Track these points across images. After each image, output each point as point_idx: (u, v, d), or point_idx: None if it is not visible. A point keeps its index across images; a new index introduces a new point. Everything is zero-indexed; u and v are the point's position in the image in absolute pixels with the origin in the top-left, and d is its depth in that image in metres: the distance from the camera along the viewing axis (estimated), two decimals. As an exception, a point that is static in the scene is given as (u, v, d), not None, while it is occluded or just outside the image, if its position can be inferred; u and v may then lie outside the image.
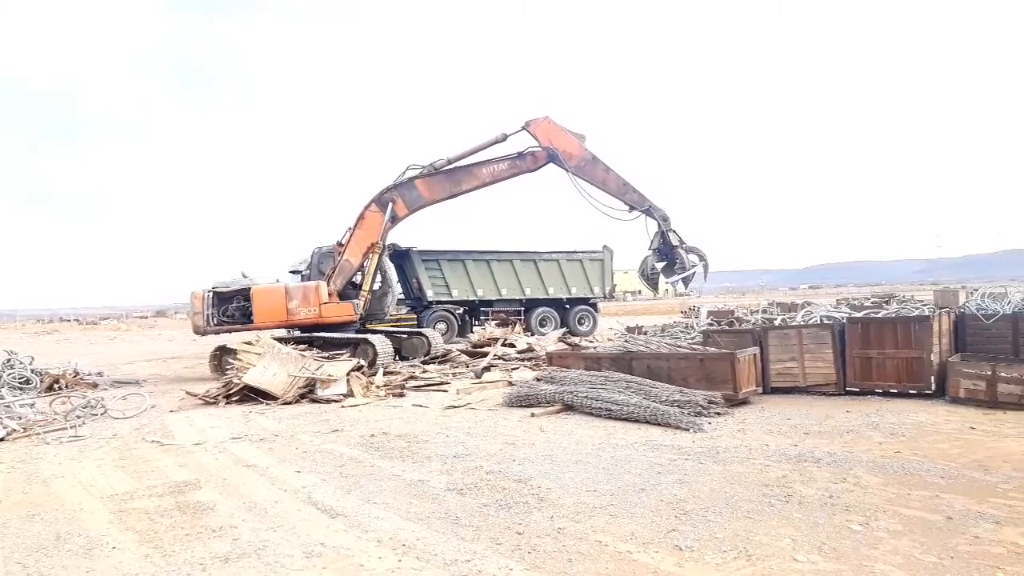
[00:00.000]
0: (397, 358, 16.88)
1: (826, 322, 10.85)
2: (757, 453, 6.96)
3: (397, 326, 21.66)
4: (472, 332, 23.18)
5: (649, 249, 18.32)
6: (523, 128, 18.15)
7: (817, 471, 6.22)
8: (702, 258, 17.77)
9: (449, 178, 18.18)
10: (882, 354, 9.91)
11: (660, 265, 17.79)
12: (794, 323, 11.47)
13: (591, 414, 9.25)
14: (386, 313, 19.56)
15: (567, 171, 17.83)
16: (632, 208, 18.07)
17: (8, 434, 9.29)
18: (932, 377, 9.54)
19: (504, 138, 18.13)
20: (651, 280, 18.43)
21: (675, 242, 17.83)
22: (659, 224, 17.78)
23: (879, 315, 11.09)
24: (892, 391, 9.83)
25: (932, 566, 4.10)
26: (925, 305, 12.63)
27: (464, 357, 17.08)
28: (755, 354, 10.33)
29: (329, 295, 17.07)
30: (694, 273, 17.81)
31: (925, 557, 4.23)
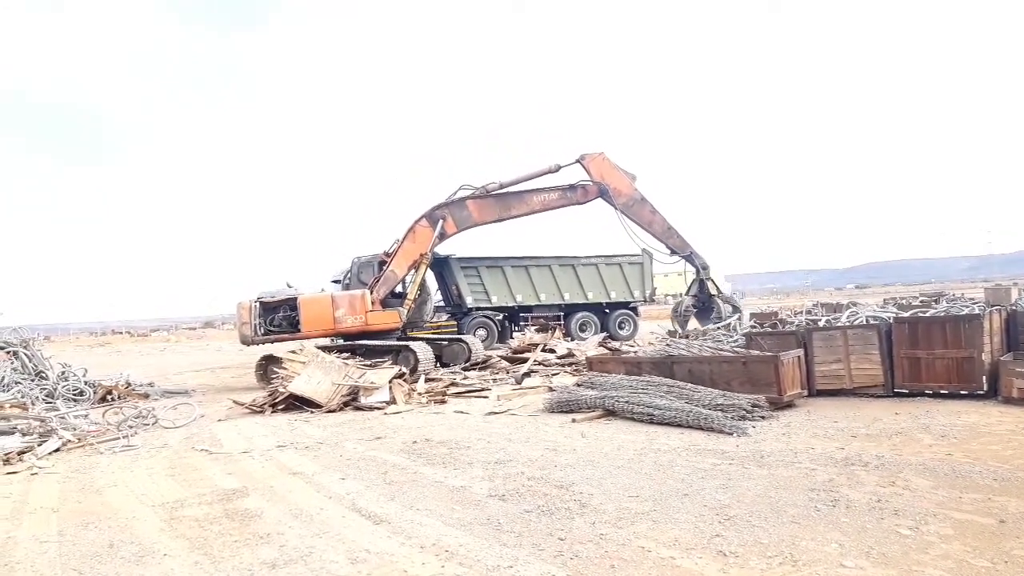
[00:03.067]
0: (438, 365, 16.98)
1: (872, 322, 10.64)
2: (803, 457, 6.86)
3: (437, 333, 21.79)
4: (512, 338, 23.17)
5: (686, 294, 19.66)
6: (577, 161, 18.96)
7: (865, 475, 6.10)
8: (737, 309, 18.61)
9: (500, 202, 18.75)
10: (931, 354, 9.67)
11: (694, 311, 18.73)
12: (839, 324, 11.27)
13: (632, 419, 9.20)
14: (425, 321, 19.88)
15: (615, 208, 18.89)
16: (673, 252, 19.39)
17: (63, 444, 9.57)
18: (984, 377, 9.29)
19: (557, 169, 18.88)
20: (682, 319, 19.32)
21: (712, 291, 19.14)
22: (698, 271, 18.96)
23: (927, 314, 10.84)
24: (942, 392, 9.59)
25: (984, 571, 4.00)
26: (976, 303, 12.31)
27: (504, 363, 17.10)
28: (799, 356, 10.17)
29: (372, 303, 17.32)
30: (729, 323, 18.67)
31: (977, 562, 4.12)
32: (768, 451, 7.18)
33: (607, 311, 25.66)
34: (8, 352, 14.90)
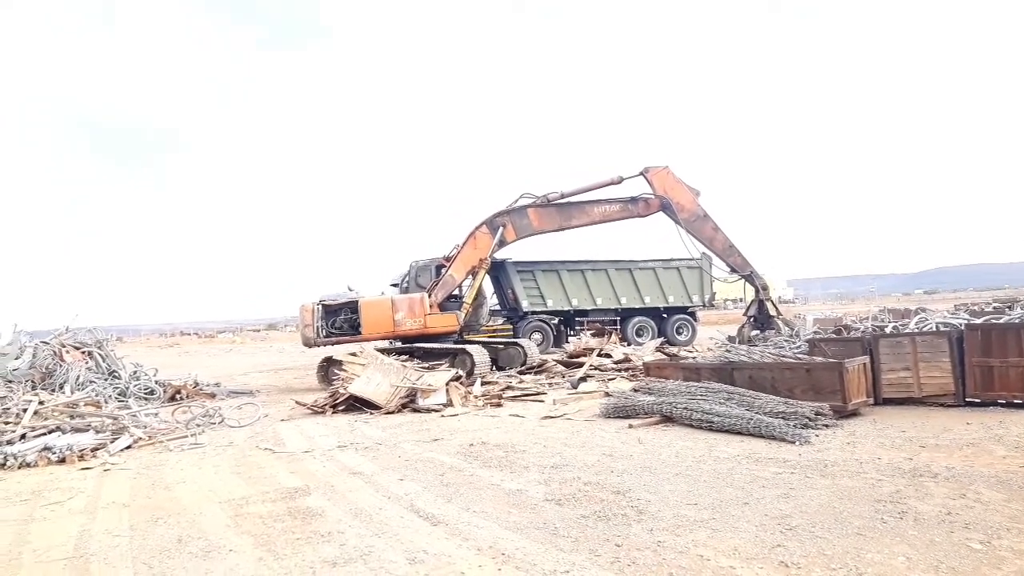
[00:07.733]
0: (494, 368, 17.06)
1: (942, 329, 10.29)
2: (868, 467, 6.67)
3: (493, 336, 21.90)
4: (567, 342, 23.10)
5: (744, 315, 19.27)
6: (640, 174, 18.87)
7: (934, 486, 5.91)
8: (794, 330, 18.28)
9: (560, 212, 18.82)
10: (1005, 363, 9.30)
11: (754, 334, 18.23)
12: (907, 330, 10.93)
13: (691, 426, 9.08)
14: (481, 324, 20.03)
15: (677, 223, 18.65)
16: (733, 271, 19.01)
17: (135, 442, 9.93)
18: (1061, 387, 8.90)
19: (620, 180, 18.82)
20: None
21: (771, 312, 18.62)
22: (757, 292, 18.62)
23: (1000, 321, 10.42)
24: (1016, 402, 9.22)
25: (1064, 590, 3.84)
26: (1054, 310, 11.78)
27: (560, 367, 17.08)
28: (865, 363, 9.89)
29: (431, 307, 17.53)
30: (794, 329, 18.24)
31: (1056, 580, 3.96)
32: (832, 460, 7.00)
33: (665, 316, 25.38)
34: (83, 352, 15.52)
